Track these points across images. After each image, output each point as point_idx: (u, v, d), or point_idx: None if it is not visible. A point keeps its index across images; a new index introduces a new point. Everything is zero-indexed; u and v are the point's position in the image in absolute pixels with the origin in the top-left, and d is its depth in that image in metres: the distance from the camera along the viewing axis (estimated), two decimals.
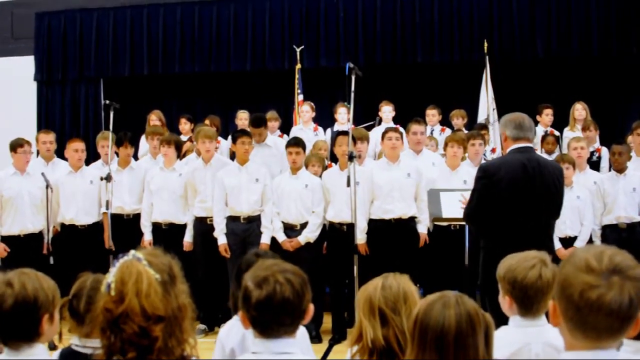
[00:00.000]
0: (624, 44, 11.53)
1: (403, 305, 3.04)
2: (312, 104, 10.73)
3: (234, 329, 3.81)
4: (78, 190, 8.52)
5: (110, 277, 2.36)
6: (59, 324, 2.85)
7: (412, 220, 7.80)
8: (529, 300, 3.19)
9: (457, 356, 2.32)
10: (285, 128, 10.81)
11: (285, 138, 9.50)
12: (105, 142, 8.76)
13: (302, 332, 3.53)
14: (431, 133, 10.00)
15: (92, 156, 9.55)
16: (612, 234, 7.92)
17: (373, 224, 7.80)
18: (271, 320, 2.57)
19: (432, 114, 10.50)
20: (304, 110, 10.45)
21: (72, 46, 12.78)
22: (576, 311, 2.02)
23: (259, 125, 8.79)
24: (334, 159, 8.77)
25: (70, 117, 12.87)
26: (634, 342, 2.70)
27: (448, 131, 10.28)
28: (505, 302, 3.28)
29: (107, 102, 8.36)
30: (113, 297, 2.32)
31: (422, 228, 7.82)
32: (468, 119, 10.77)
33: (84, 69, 12.77)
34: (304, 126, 10.37)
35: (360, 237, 7.56)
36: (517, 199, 5.21)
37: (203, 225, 8.18)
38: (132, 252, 2.41)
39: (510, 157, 5.34)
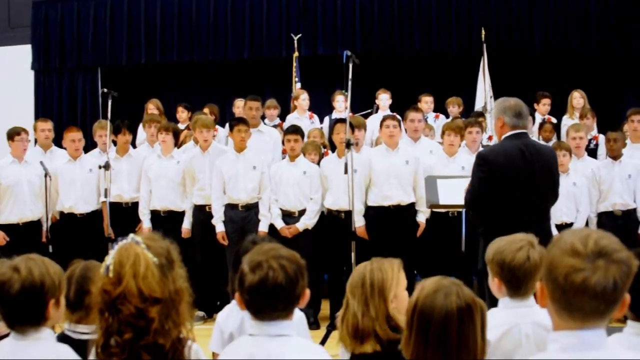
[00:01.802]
0: (621, 34, 11.56)
1: (368, 290, 3.20)
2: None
3: (233, 313, 3.84)
4: (77, 179, 8.52)
5: (109, 259, 2.41)
6: (64, 309, 2.88)
7: (410, 207, 7.81)
8: (518, 282, 3.23)
9: (460, 345, 2.37)
10: (284, 116, 10.82)
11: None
12: (103, 130, 8.77)
13: (300, 316, 3.57)
14: (425, 120, 10.02)
15: (90, 145, 9.56)
16: (608, 220, 7.95)
17: (372, 211, 7.82)
18: (264, 304, 2.60)
19: (426, 101, 10.53)
20: (303, 98, 10.44)
21: (69, 35, 12.78)
22: (562, 293, 2.05)
23: (256, 99, 9.04)
24: (333, 146, 8.79)
25: (67, 105, 12.90)
26: (638, 324, 2.73)
27: (442, 117, 10.33)
28: (494, 284, 3.32)
29: (105, 90, 8.38)
30: (111, 279, 2.37)
31: (422, 217, 7.84)
32: (464, 107, 10.80)
33: (82, 57, 12.77)
34: (300, 115, 10.37)
35: (358, 220, 7.58)
36: (517, 185, 5.25)
37: (202, 213, 8.21)
38: (131, 235, 2.46)
39: (508, 143, 5.37)
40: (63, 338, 3.09)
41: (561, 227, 7.73)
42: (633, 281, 2.49)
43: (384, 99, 10.44)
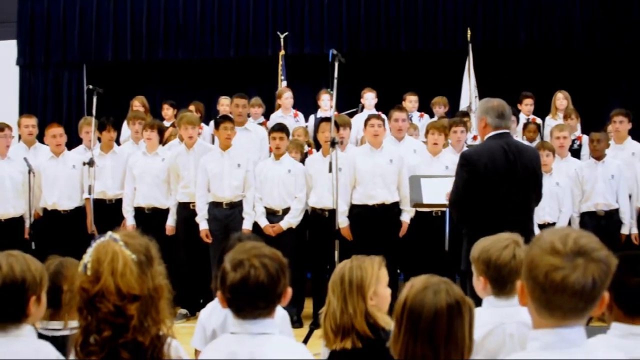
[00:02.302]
0: (606, 35, 11.64)
1: (347, 288, 3.24)
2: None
3: (216, 310, 3.84)
4: (60, 175, 8.48)
5: (87, 257, 2.40)
6: (45, 306, 2.87)
7: (394, 206, 7.83)
8: (503, 280, 3.24)
9: (448, 343, 2.38)
10: (270, 115, 10.82)
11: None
12: (88, 127, 8.73)
13: (283, 315, 3.59)
14: (410, 119, 10.04)
15: (75, 141, 9.53)
16: (591, 220, 7.99)
17: (356, 210, 7.83)
18: (245, 303, 2.61)
19: (411, 100, 10.54)
20: (286, 97, 10.44)
21: (55, 31, 12.74)
22: (542, 292, 2.07)
23: (243, 97, 9.09)
24: (318, 145, 8.80)
25: (52, 101, 12.86)
26: (623, 326, 2.74)
27: (426, 117, 10.35)
28: (479, 283, 3.33)
29: (90, 87, 8.36)
30: (89, 277, 2.36)
31: (405, 217, 7.86)
32: (449, 106, 10.83)
33: (67, 53, 12.74)
34: (285, 113, 10.37)
35: (342, 220, 7.62)
36: (500, 184, 5.28)
37: (186, 211, 8.19)
38: (109, 233, 2.45)
39: (490, 143, 5.40)
40: (38, 336, 3.08)
41: (544, 227, 7.74)
42: (618, 281, 2.52)
43: (369, 97, 10.44)
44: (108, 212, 8.36)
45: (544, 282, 2.05)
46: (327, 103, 10.15)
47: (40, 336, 3.06)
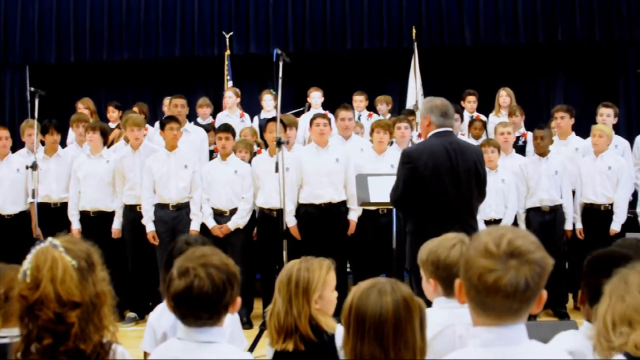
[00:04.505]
0: (549, 31, 11.81)
1: (292, 289, 3.27)
2: (237, 90, 10.69)
3: (166, 312, 3.77)
4: (4, 179, 8.37)
5: (26, 264, 2.36)
6: None
7: (342, 205, 7.85)
8: (454, 279, 3.25)
9: (397, 342, 2.37)
10: (215, 115, 10.78)
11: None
12: (31, 130, 8.61)
13: (232, 316, 3.57)
14: (358, 118, 10.09)
15: (18, 144, 9.40)
16: (536, 216, 8.09)
17: (303, 209, 7.84)
18: (187, 312, 2.57)
19: (359, 100, 10.58)
20: (227, 96, 10.42)
21: None
22: (476, 293, 2.11)
23: (181, 97, 9.16)
24: (267, 145, 8.79)
25: None
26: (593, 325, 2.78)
27: (375, 117, 10.38)
28: (429, 285, 3.31)
29: (32, 89, 8.27)
30: (28, 284, 2.32)
31: (353, 216, 7.88)
32: (394, 104, 10.90)
33: (9, 55, 12.54)
34: (230, 112, 10.33)
35: (290, 220, 7.65)
36: (441, 182, 5.34)
37: (133, 213, 8.09)
38: (50, 239, 2.41)
39: (432, 141, 5.46)
40: None
41: (490, 223, 7.84)
42: (592, 281, 2.56)
43: (316, 97, 10.45)
44: (53, 216, 8.27)
45: (478, 284, 2.08)
46: (269, 104, 10.13)
47: None
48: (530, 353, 2.14)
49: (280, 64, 6.83)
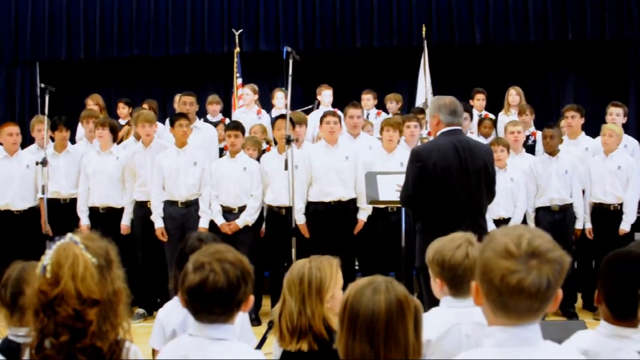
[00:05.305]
0: (559, 30, 11.78)
1: (305, 289, 3.26)
2: (255, 86, 10.67)
3: (175, 310, 3.79)
4: (14, 175, 8.39)
5: (46, 259, 2.36)
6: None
7: (351, 203, 7.85)
8: (459, 280, 3.24)
9: (388, 342, 2.35)
10: (224, 112, 10.79)
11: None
12: (41, 125, 8.61)
13: (242, 315, 3.58)
14: (367, 117, 10.08)
15: (28, 141, 9.42)
16: (545, 216, 8.07)
17: (312, 207, 7.85)
18: (201, 306, 2.57)
19: (368, 98, 10.56)
20: (245, 93, 10.43)
21: (6, 29, 12.54)
22: (498, 295, 2.10)
23: (190, 94, 9.22)
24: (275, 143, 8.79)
25: (5, 101, 12.66)
26: (610, 326, 2.78)
27: (384, 115, 10.36)
28: (436, 285, 3.33)
29: (42, 85, 8.28)
30: (48, 280, 2.33)
31: (362, 215, 7.88)
32: (404, 103, 10.88)
33: (19, 51, 12.55)
34: (247, 109, 10.35)
35: (299, 218, 7.67)
36: (451, 181, 5.32)
37: (143, 210, 8.11)
38: (70, 235, 2.42)
39: (442, 139, 5.45)
40: (8, 343, 3.02)
41: (499, 222, 7.84)
42: (611, 282, 2.57)
43: (325, 95, 10.43)
44: (62, 212, 8.29)
45: (500, 286, 2.08)
46: (281, 101, 10.14)
47: (12, 343, 3.01)
48: (544, 353, 2.14)
49: (290, 61, 6.84)
